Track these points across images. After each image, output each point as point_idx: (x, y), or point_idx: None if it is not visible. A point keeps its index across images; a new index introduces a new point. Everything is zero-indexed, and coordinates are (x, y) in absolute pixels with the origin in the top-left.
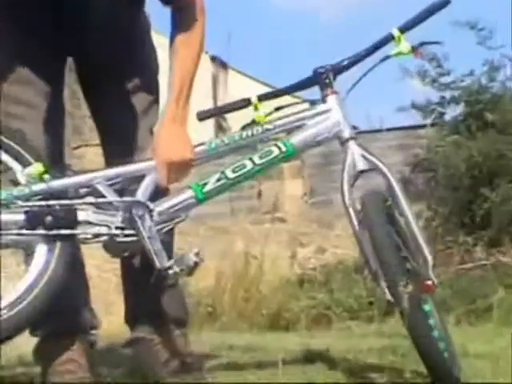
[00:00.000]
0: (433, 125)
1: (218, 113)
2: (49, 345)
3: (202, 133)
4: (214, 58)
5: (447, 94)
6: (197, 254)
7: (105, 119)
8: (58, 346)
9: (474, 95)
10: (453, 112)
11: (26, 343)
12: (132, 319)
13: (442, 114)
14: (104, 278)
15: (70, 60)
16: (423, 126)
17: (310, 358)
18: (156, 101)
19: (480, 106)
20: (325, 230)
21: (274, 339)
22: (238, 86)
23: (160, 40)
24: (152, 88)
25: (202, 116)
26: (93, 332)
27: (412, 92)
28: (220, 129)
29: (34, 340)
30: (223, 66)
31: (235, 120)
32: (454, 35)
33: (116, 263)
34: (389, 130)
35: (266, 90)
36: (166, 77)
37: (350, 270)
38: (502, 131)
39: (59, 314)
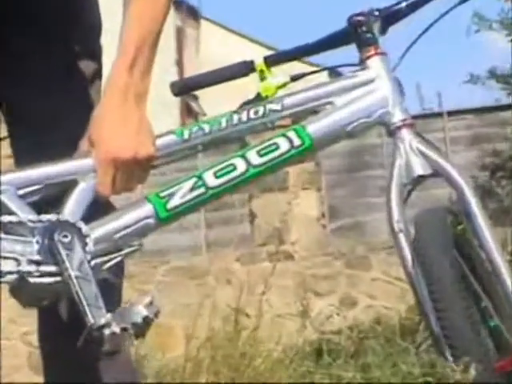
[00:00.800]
0: None
1: (202, 84)
2: None
3: (165, 118)
4: (178, 5)
5: None
6: (149, 305)
7: (13, 100)
8: None
9: None
10: None
11: None
12: None
13: None
14: (10, 348)
15: None
16: (508, 107)
17: None
18: (98, 73)
19: None
20: (354, 270)
21: None
22: (215, 45)
23: None
24: (91, 53)
25: (179, 88)
26: None
27: (489, 54)
28: (189, 113)
29: None
30: (193, 15)
31: (208, 101)
32: None
33: (27, 324)
34: (452, 113)
35: (259, 49)
36: (113, 40)
37: (395, 334)
38: None
39: None
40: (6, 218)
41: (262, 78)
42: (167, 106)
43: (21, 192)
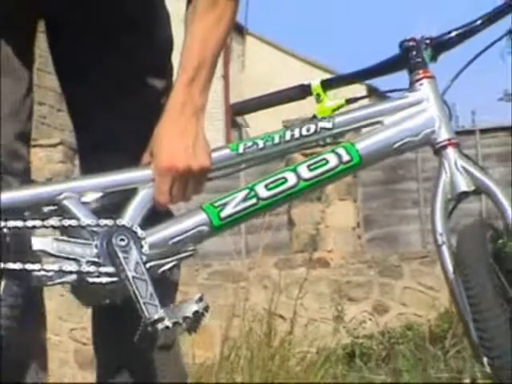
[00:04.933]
0: None
1: (261, 106)
2: None
3: (209, 129)
4: None
5: None
6: (200, 300)
7: (86, 118)
8: None
9: None
10: None
11: None
12: None
13: None
14: (57, 344)
15: None
16: None
17: None
18: (166, 90)
19: None
20: (386, 278)
21: None
22: (260, 60)
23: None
24: (160, 73)
25: (238, 110)
26: None
27: None
28: (234, 126)
29: None
30: (239, 31)
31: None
32: None
33: (74, 321)
34: (484, 130)
35: (299, 66)
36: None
37: (425, 340)
38: None
39: None
40: (67, 222)
41: (318, 101)
42: (212, 117)
43: (84, 199)
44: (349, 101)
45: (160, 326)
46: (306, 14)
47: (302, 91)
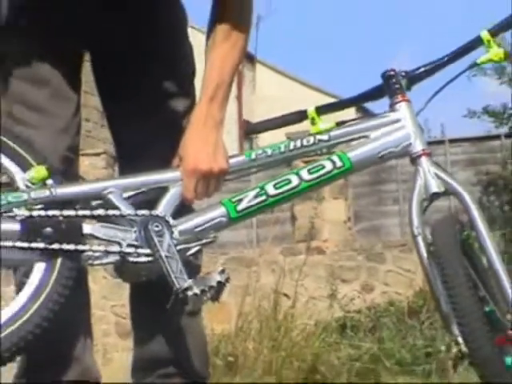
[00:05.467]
0: (508, 136)
1: (269, 127)
2: None
3: (225, 138)
4: None
5: None
6: (222, 272)
7: (124, 132)
8: None
9: None
10: None
11: None
12: (139, 370)
13: None
14: (101, 318)
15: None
16: (497, 137)
17: None
18: (190, 108)
19: None
20: (372, 263)
21: None
22: (267, 83)
23: (197, 37)
24: (185, 94)
25: (250, 130)
26: None
27: (483, 94)
28: (246, 137)
29: None
30: (250, 59)
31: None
32: None
33: (115, 299)
34: (452, 141)
35: (300, 89)
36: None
37: (403, 314)
38: None
39: (55, 361)
40: (111, 212)
41: (313, 124)
42: (228, 131)
43: (125, 194)
44: (338, 124)
45: (189, 293)
46: (311, 44)
47: (300, 116)
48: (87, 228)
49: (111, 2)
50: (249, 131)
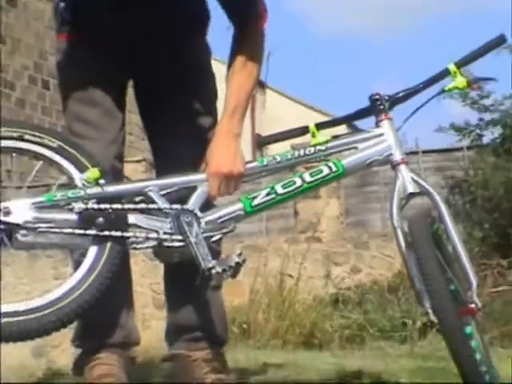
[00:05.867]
0: (470, 147)
1: (278, 139)
2: (91, 358)
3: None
4: None
5: (486, 116)
6: (240, 255)
7: (160, 143)
8: (100, 358)
9: None
10: (491, 134)
11: (60, 356)
12: (171, 335)
13: (480, 137)
14: (140, 293)
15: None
16: (460, 149)
17: (342, 377)
18: (214, 125)
19: None
20: (359, 250)
21: (307, 358)
22: (276, 107)
23: (219, 67)
24: (209, 114)
25: (261, 142)
26: (134, 347)
27: (446, 113)
28: (258, 148)
29: (68, 355)
30: (261, 86)
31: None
32: (496, 58)
33: (151, 278)
34: (425, 151)
35: (303, 109)
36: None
37: (384, 291)
38: None
39: (103, 326)
40: (151, 206)
41: (313, 136)
42: (243, 143)
43: (162, 192)
44: (333, 137)
45: (213, 271)
46: (313, 74)
47: (302, 130)
48: (131, 218)
49: (154, 42)
50: (260, 143)
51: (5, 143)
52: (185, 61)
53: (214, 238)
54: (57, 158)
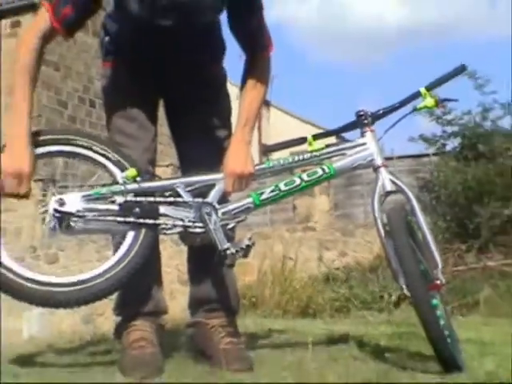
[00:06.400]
0: (435, 154)
1: (281, 148)
2: (128, 324)
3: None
4: None
5: (448, 129)
6: (250, 239)
7: (185, 150)
8: (135, 325)
9: (470, 130)
10: (452, 144)
11: (104, 323)
12: (193, 306)
13: (443, 145)
14: (168, 272)
15: None
16: (427, 155)
17: (332, 340)
18: (229, 136)
19: (474, 140)
20: (346, 237)
21: (303, 325)
22: (278, 122)
23: (232, 89)
24: (224, 127)
25: (266, 151)
26: (163, 316)
27: (417, 126)
28: (264, 153)
29: (110, 322)
30: (266, 104)
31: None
32: (455, 81)
33: (177, 260)
34: (399, 157)
35: (300, 124)
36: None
37: (366, 271)
38: (492, 160)
39: (138, 298)
40: (178, 199)
41: (310, 145)
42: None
43: (187, 188)
44: (327, 145)
45: (228, 251)
46: (309, 91)
47: (301, 140)
48: (162, 209)
49: (181, 70)
50: (265, 150)
51: (59, 148)
52: (205, 84)
53: (229, 226)
54: (103, 160)
